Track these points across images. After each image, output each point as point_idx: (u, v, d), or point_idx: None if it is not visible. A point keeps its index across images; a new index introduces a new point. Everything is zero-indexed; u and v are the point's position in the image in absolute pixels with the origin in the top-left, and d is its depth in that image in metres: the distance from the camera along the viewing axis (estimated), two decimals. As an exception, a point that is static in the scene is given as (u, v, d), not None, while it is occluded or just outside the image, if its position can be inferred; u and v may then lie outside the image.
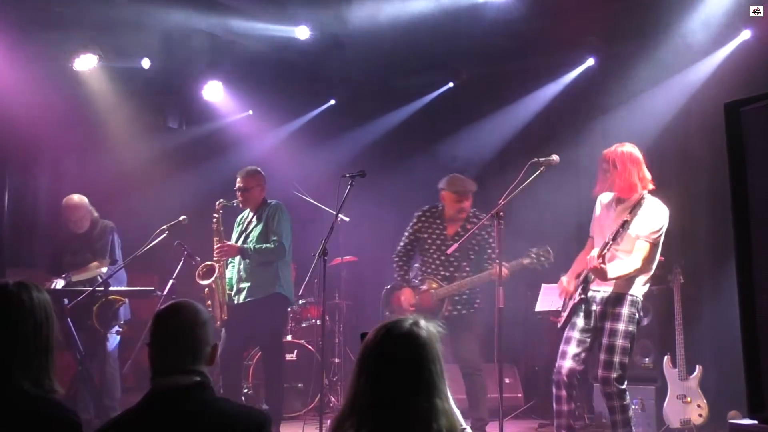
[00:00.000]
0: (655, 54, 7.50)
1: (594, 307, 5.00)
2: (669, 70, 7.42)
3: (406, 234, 6.28)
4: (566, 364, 5.01)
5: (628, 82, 7.76)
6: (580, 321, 5.04)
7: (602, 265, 4.72)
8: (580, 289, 5.02)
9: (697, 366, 6.34)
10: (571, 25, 7.31)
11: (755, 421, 3.18)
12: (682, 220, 5.48)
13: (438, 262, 6.13)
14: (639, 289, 4.93)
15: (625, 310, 4.88)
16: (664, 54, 7.43)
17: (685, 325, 6.36)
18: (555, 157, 5.15)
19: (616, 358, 4.85)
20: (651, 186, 4.99)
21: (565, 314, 5.12)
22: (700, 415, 6.18)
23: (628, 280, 4.88)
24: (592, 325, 5.01)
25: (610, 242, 4.82)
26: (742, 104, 3.28)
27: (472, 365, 5.96)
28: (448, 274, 6.08)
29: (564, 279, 5.22)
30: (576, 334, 5.04)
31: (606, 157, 5.02)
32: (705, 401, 6.22)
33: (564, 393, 5.03)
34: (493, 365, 6.63)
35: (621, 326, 4.87)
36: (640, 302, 4.95)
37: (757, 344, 3.17)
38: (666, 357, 6.37)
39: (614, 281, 4.89)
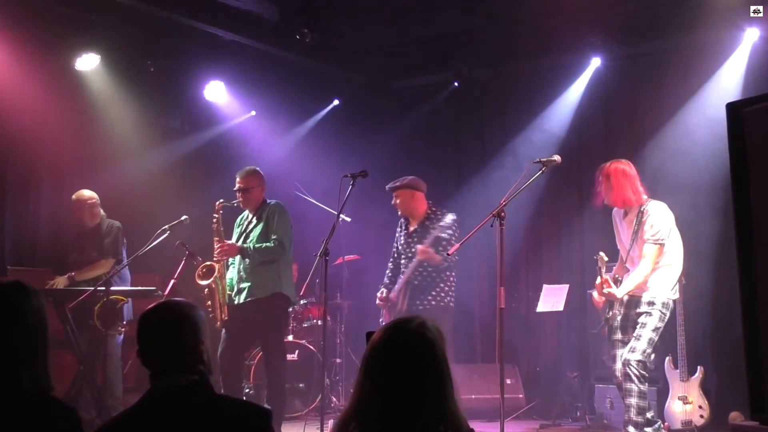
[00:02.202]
0: (660, 55, 7.51)
1: (629, 311, 5.39)
2: (674, 71, 7.42)
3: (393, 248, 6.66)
4: (619, 366, 5.34)
5: (633, 83, 7.77)
6: (619, 325, 5.44)
7: (608, 291, 5.27)
8: (607, 309, 5.46)
9: (699, 367, 6.34)
10: (575, 26, 7.32)
11: (756, 423, 3.18)
12: (684, 220, 5.50)
13: (404, 260, 6.43)
14: (667, 292, 5.33)
15: (656, 310, 5.27)
16: (669, 55, 7.43)
17: (687, 326, 6.36)
18: (557, 157, 5.18)
19: (641, 345, 5.21)
20: (645, 197, 5.41)
21: (606, 329, 5.57)
22: (702, 416, 6.17)
23: (658, 283, 5.30)
24: (630, 325, 5.39)
25: (619, 270, 5.39)
26: (745, 105, 3.27)
27: None
28: (405, 266, 6.37)
29: (596, 293, 5.55)
30: (619, 336, 5.43)
31: (601, 170, 5.47)
32: (706, 402, 6.21)
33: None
34: (494, 366, 6.64)
35: (651, 321, 5.25)
36: (670, 303, 5.35)
37: (758, 345, 3.17)
38: (667, 358, 6.37)
39: (646, 287, 5.31)
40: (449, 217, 6.19)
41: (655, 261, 5.27)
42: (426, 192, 6.46)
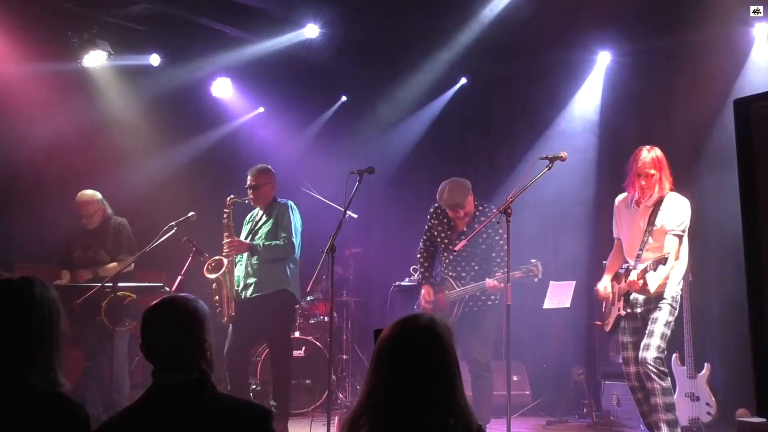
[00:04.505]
0: (671, 51, 7.49)
1: (639, 310, 5.30)
2: (679, 67, 7.40)
3: (424, 231, 6.29)
4: (632, 369, 5.27)
5: (640, 79, 7.75)
6: (629, 326, 5.35)
7: (645, 287, 5.10)
8: (623, 303, 5.33)
9: (706, 364, 6.33)
10: (585, 21, 7.30)
11: (764, 419, 3.18)
12: (692, 217, 5.47)
13: (447, 261, 6.11)
14: (676, 287, 5.25)
15: (666, 304, 5.19)
16: (680, 51, 7.41)
17: (694, 323, 6.35)
18: (563, 153, 5.15)
19: (655, 342, 5.11)
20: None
21: (611, 320, 5.44)
22: (709, 413, 6.17)
23: (666, 280, 5.19)
24: (640, 325, 5.29)
25: (649, 267, 5.09)
26: (752, 101, 3.27)
27: (479, 364, 5.89)
28: (455, 273, 6.04)
29: (601, 286, 5.48)
30: (629, 338, 5.34)
31: (647, 162, 5.24)
32: (713, 399, 6.20)
33: (640, 395, 5.30)
34: (501, 362, 6.64)
35: (662, 316, 5.16)
36: (679, 297, 5.27)
37: (765, 342, 3.16)
38: (674, 355, 6.36)
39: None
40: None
41: (678, 252, 5.16)
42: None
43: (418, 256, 6.29)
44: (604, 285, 5.44)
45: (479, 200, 6.13)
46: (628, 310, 5.31)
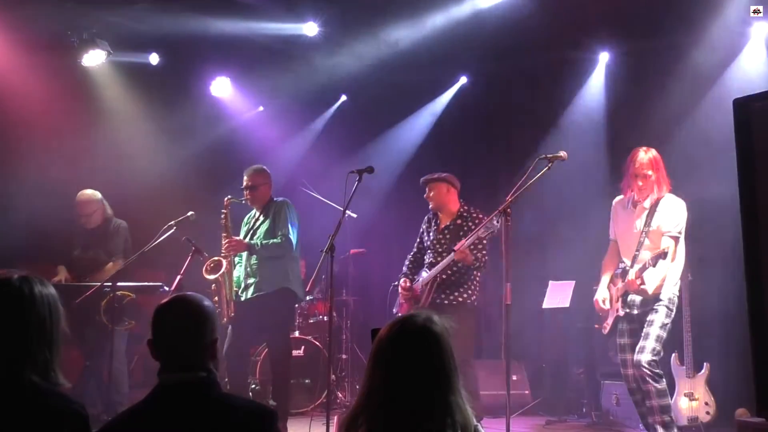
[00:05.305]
0: (668, 50, 7.48)
1: (636, 312, 5.34)
2: (678, 66, 7.40)
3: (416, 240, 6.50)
4: (630, 371, 5.30)
5: (640, 78, 7.75)
6: (627, 328, 5.39)
7: (642, 286, 5.13)
8: (621, 304, 5.36)
9: (705, 363, 6.33)
10: (585, 21, 7.31)
11: (763, 419, 3.18)
12: (690, 217, 5.48)
13: (428, 252, 6.27)
14: (672, 288, 5.28)
15: (662, 306, 5.22)
16: (678, 50, 7.41)
17: (693, 323, 6.35)
18: (563, 153, 5.14)
19: (649, 344, 5.14)
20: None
21: (609, 322, 5.49)
22: (708, 413, 6.16)
23: (663, 281, 5.21)
24: (637, 327, 5.33)
25: (648, 263, 5.14)
26: (753, 101, 3.26)
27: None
28: (432, 260, 6.17)
29: (600, 298, 5.52)
30: (627, 340, 5.38)
31: (644, 162, 5.30)
32: (713, 399, 6.20)
33: (639, 396, 5.32)
34: (500, 362, 6.64)
35: (658, 318, 5.19)
36: (675, 299, 5.29)
37: (765, 342, 3.16)
38: (674, 354, 6.35)
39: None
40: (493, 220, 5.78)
41: (674, 254, 5.20)
42: (459, 191, 6.34)
43: (407, 263, 6.44)
44: (603, 297, 5.47)
45: (469, 204, 6.31)
46: (626, 311, 5.33)
